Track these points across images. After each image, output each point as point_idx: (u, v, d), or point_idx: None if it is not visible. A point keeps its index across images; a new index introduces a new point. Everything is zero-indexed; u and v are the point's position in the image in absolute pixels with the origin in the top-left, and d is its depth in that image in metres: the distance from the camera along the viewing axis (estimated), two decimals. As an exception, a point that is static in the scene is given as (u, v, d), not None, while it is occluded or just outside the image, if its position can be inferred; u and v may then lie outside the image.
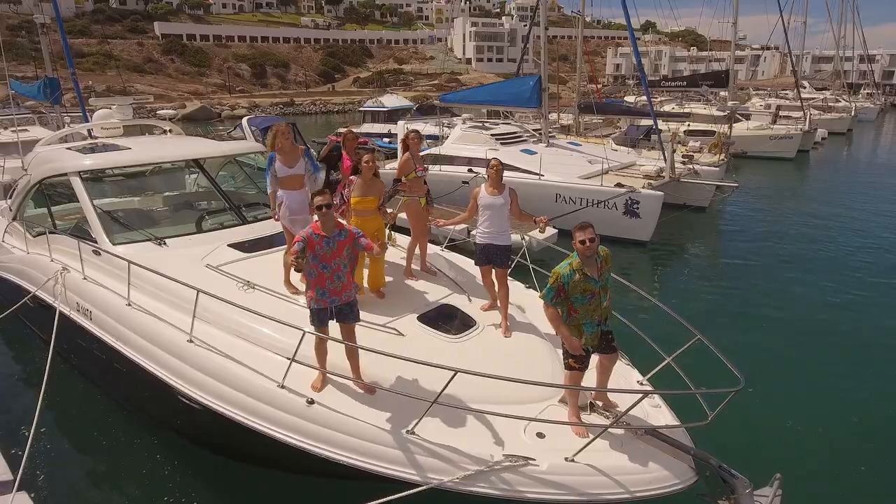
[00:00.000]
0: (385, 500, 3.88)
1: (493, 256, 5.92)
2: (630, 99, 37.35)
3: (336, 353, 4.74)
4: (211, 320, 5.37)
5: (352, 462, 4.21)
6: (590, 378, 4.52)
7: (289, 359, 4.51)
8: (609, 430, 4.06)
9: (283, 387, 4.59)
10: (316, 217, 4.63)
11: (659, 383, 4.79)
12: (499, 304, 5.80)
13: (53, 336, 6.35)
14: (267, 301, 5.69)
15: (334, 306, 4.46)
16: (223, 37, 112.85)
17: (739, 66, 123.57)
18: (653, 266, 13.97)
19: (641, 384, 4.80)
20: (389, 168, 17.27)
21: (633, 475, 3.92)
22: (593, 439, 3.95)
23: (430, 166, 14.97)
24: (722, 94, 42.82)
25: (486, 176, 6.15)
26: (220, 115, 61.62)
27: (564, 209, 14.37)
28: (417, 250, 6.80)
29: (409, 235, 6.87)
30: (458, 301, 6.08)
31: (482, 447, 4.12)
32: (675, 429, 4.19)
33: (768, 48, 68.78)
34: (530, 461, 3.94)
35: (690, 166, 17.96)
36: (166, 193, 9.90)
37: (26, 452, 5.16)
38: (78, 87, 18.98)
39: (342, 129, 32.01)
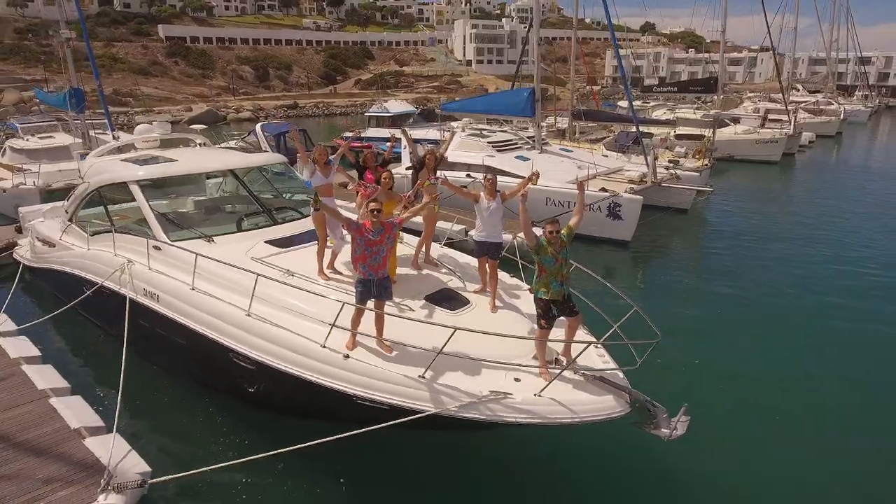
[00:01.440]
0: (402, 420, 5.40)
1: (488, 250, 7.42)
2: (624, 103, 38.74)
3: (363, 324, 6.21)
4: (263, 299, 6.83)
5: (377, 397, 5.68)
6: (559, 346, 6.03)
7: (330, 324, 5.98)
8: (566, 374, 5.54)
9: (324, 346, 6.07)
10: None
11: (611, 345, 6.26)
12: (488, 288, 7.29)
13: (127, 316, 7.79)
14: (304, 285, 7.16)
15: (373, 280, 5.94)
16: (226, 39, 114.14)
17: (736, 67, 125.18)
18: (633, 262, 15.45)
19: (596, 347, 6.25)
20: (398, 173, 18.83)
21: (583, 406, 5.35)
22: (552, 379, 5.40)
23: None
24: (714, 98, 44.45)
25: (483, 185, 7.58)
26: (225, 118, 62.96)
27: (554, 211, 15.81)
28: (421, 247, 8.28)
29: (414, 236, 8.36)
30: (456, 285, 7.56)
31: (474, 386, 5.55)
32: (615, 373, 5.66)
33: (766, 49, 70.35)
34: (508, 396, 5.40)
35: (673, 171, 19.40)
36: (200, 197, 11.37)
37: (118, 406, 6.61)
38: (103, 98, 20.40)
39: (348, 133, 33.61)
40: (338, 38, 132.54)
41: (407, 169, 19.07)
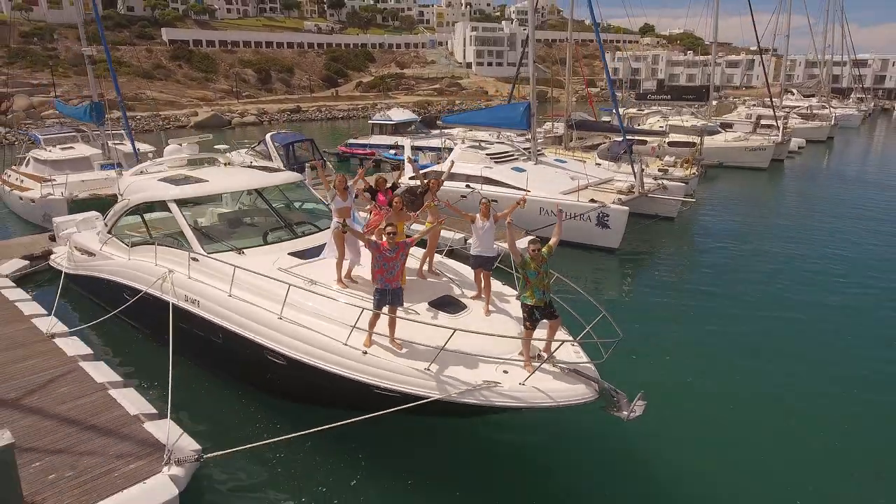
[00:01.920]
0: (411, 405, 6.63)
1: (482, 263, 8.64)
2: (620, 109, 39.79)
3: (378, 326, 7.43)
4: (291, 305, 8.03)
5: (391, 386, 6.91)
6: (541, 343, 7.24)
7: (350, 326, 7.21)
8: (546, 366, 6.75)
9: (346, 344, 7.28)
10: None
11: (584, 343, 7.46)
12: (483, 295, 8.51)
13: (171, 320, 8.99)
14: (326, 293, 8.37)
15: (388, 290, 7.15)
16: (228, 42, 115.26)
17: (734, 70, 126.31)
18: (620, 268, 16.67)
19: (572, 345, 7.45)
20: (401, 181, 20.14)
21: (560, 393, 6.55)
22: (534, 371, 6.62)
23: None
24: (713, 102, 45.58)
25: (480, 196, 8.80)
26: (230, 123, 64.11)
27: (547, 221, 17.06)
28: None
29: (420, 247, 9.58)
30: (455, 293, 8.77)
31: (470, 376, 6.75)
32: (587, 366, 6.87)
33: (767, 51, 71.39)
34: (498, 384, 6.62)
35: (660, 182, 20.60)
36: (222, 209, 12.58)
37: (169, 396, 7.81)
38: (124, 113, 21.59)
39: (352, 140, 34.64)
40: (339, 40, 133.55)
41: (410, 178, 20.39)
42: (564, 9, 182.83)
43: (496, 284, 8.85)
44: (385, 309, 7.28)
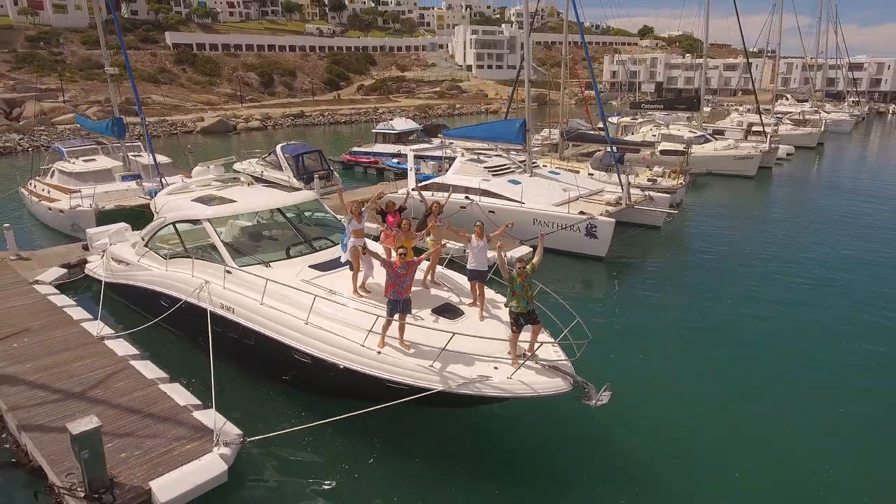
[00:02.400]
0: (418, 396, 8.07)
1: (477, 276, 10.07)
2: (613, 119, 41.26)
3: (390, 330, 8.85)
4: (316, 311, 9.44)
5: (400, 379, 8.32)
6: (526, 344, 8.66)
7: (367, 330, 8.64)
8: (529, 363, 8.18)
9: (363, 345, 8.71)
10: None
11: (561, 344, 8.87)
12: (477, 303, 9.94)
13: (209, 324, 10.38)
14: (344, 301, 9.80)
15: (399, 301, 8.56)
16: (231, 46, 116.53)
17: (732, 73, 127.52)
18: (606, 274, 18.08)
19: (552, 345, 8.86)
20: (401, 191, 21.72)
21: (541, 385, 7.96)
22: (519, 367, 8.03)
23: (434, 193, 19.24)
24: (706, 109, 46.84)
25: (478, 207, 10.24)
26: (235, 128, 65.44)
27: (540, 231, 18.43)
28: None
29: (426, 260, 11.01)
30: (454, 301, 10.19)
31: (467, 372, 8.15)
32: (564, 363, 8.29)
33: (766, 53, 72.72)
34: (490, 378, 8.05)
35: (647, 193, 22.00)
36: (245, 223, 13.98)
37: (213, 391, 9.20)
38: (146, 130, 22.97)
39: (356, 148, 36.00)
40: (340, 43, 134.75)
41: (413, 189, 21.81)
42: (564, 11, 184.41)
43: (489, 293, 10.28)
44: (396, 316, 8.70)
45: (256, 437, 8.58)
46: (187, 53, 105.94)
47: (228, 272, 11.01)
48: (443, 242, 10.63)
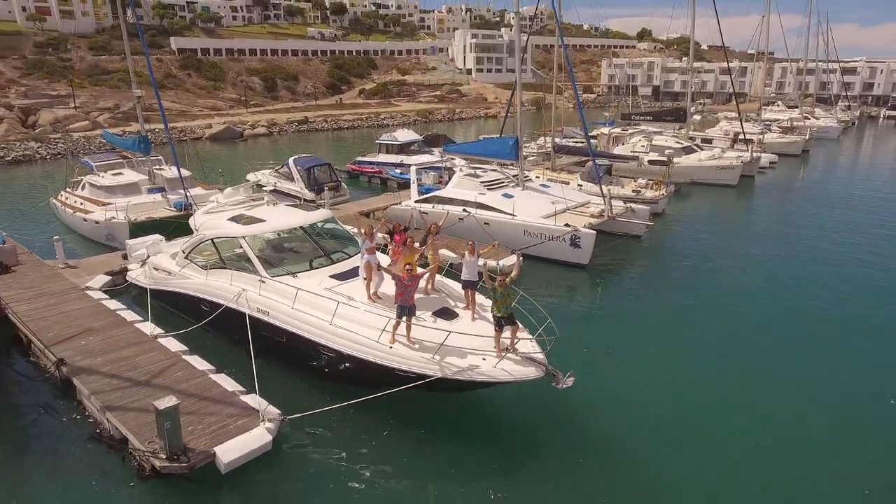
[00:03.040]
0: (421, 382, 10.25)
1: (470, 285, 12.26)
2: (604, 130, 43.40)
3: (399, 329, 11.01)
4: (338, 314, 11.59)
5: (407, 368, 10.48)
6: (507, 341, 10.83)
7: (380, 329, 10.80)
8: (510, 355, 10.35)
9: (377, 342, 10.87)
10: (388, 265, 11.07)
11: (537, 339, 11.01)
12: (469, 307, 12.11)
13: (248, 326, 12.50)
14: (361, 306, 11.96)
15: (406, 307, 10.70)
16: (235, 50, 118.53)
17: (727, 77, 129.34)
18: (589, 280, 20.21)
19: (530, 340, 11.00)
20: (405, 203, 23.97)
21: (519, 372, 10.09)
22: (502, 358, 10.21)
23: (435, 206, 21.45)
24: (696, 118, 48.78)
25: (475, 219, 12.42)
26: (242, 135, 67.50)
27: (530, 241, 20.66)
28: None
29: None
30: (451, 305, 12.35)
31: (461, 362, 10.31)
32: (537, 354, 10.44)
33: (756, 57, 74.40)
34: (479, 367, 10.22)
35: (628, 205, 24.15)
36: (269, 236, 16.11)
37: (255, 380, 11.32)
38: (171, 143, 25.06)
39: (360, 158, 38.10)
40: (342, 47, 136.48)
41: (416, 202, 24.02)
42: (562, 15, 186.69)
43: (479, 298, 12.42)
44: (403, 318, 10.86)
45: (293, 416, 10.75)
46: (192, 59, 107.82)
47: (262, 281, 13.19)
48: (440, 254, 12.76)
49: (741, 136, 43.54)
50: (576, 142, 39.56)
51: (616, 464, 10.45)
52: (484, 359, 10.49)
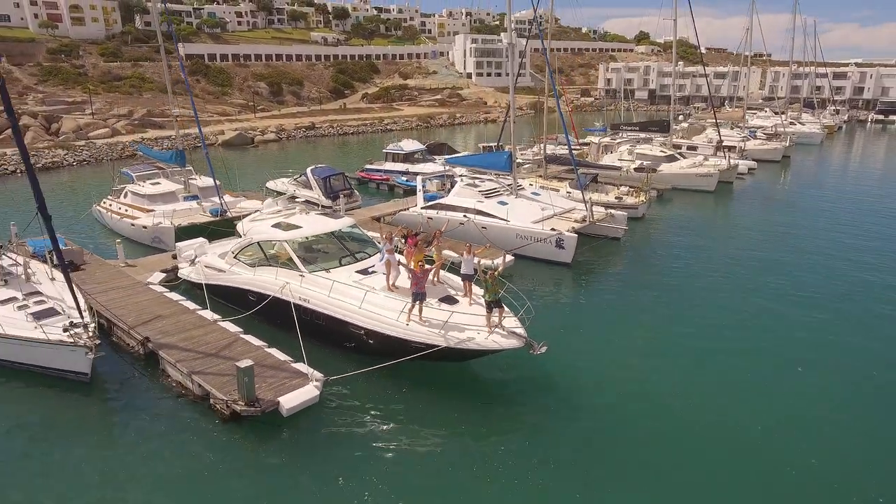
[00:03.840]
0: (430, 351, 13.60)
1: (467, 277, 15.63)
2: (593, 139, 46.76)
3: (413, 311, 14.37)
4: (367, 301, 14.92)
5: (420, 339, 13.80)
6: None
7: (399, 311, 14.15)
8: (497, 330, 13.68)
9: (396, 321, 14.21)
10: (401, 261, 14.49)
11: (520, 319, 14.34)
12: (467, 295, 15.45)
13: (294, 311, 15.82)
14: (382, 293, 15.32)
15: (419, 293, 14.03)
16: (241, 56, 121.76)
17: (721, 81, 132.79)
18: (571, 276, 23.53)
19: (513, 319, 14.32)
20: (412, 209, 27.33)
21: (505, 342, 13.37)
22: (492, 332, 13.52)
23: (439, 211, 24.83)
24: (684, 125, 52.01)
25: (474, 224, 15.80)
26: (253, 141, 70.76)
27: (521, 243, 24.02)
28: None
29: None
30: (452, 293, 15.70)
31: (461, 335, 13.64)
32: (519, 328, 13.77)
33: (749, 58, 77.49)
34: (474, 338, 13.54)
35: (609, 211, 27.48)
36: (301, 238, 19.41)
37: (302, 351, 14.64)
38: (209, 158, 28.34)
39: (369, 165, 41.48)
40: (344, 51, 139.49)
41: (423, 208, 27.34)
42: (561, 17, 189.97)
43: (475, 288, 15.78)
44: (417, 303, 14.21)
45: (332, 377, 14.11)
46: (200, 64, 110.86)
47: (302, 276, 16.56)
48: (444, 254, 16.12)
49: (728, 143, 46.81)
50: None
51: (583, 414, 13.78)
52: (478, 333, 13.84)
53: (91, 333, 14.15)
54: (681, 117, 71.22)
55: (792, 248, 27.06)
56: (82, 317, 14.38)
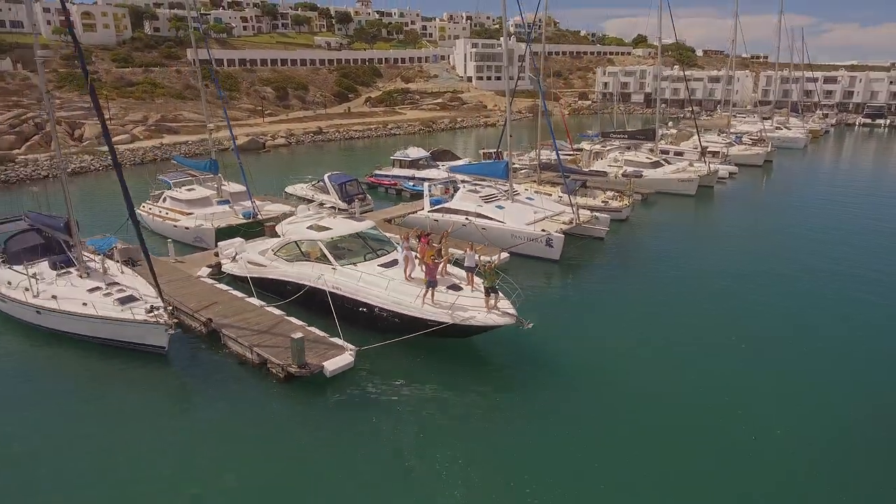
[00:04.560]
0: (439, 327, 17.25)
1: (470, 269, 19.25)
2: (586, 145, 50.39)
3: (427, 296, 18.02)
4: (389, 288, 18.56)
5: (432, 318, 17.39)
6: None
7: (415, 296, 17.80)
8: (494, 310, 17.28)
9: (412, 304, 17.85)
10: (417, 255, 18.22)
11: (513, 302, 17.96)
12: (470, 284, 19.07)
13: (330, 299, 19.44)
14: (402, 283, 18.98)
15: (432, 282, 17.64)
16: (247, 61, 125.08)
17: (716, 84, 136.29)
18: (559, 271, 27.18)
19: (507, 301, 17.93)
20: (420, 212, 30.98)
21: (500, 320, 16.91)
22: (489, 312, 17.07)
23: (444, 214, 28.51)
24: (673, 131, 55.40)
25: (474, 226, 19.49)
26: (264, 146, 74.27)
27: (515, 242, 27.69)
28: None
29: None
30: (457, 282, 19.32)
31: (465, 314, 17.21)
32: (511, 309, 17.35)
33: (759, 57, 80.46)
34: (475, 317, 17.16)
35: (594, 214, 31.11)
36: (330, 237, 22.97)
37: (338, 329, 18.27)
38: (242, 166, 31.88)
39: (378, 171, 45.20)
40: (348, 56, 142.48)
41: (430, 211, 30.97)
42: (560, 21, 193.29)
43: (475, 279, 19.43)
44: (429, 289, 17.86)
45: (363, 348, 17.77)
46: (208, 69, 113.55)
47: (334, 269, 20.24)
48: (449, 252, 19.83)
49: (713, 149, 50.26)
50: (563, 155, 46.47)
51: (569, 381, 17.40)
52: (479, 313, 17.50)
53: (168, 314, 17.79)
54: (670, 123, 74.70)
55: (763, 245, 30.75)
56: (163, 300, 18.02)
